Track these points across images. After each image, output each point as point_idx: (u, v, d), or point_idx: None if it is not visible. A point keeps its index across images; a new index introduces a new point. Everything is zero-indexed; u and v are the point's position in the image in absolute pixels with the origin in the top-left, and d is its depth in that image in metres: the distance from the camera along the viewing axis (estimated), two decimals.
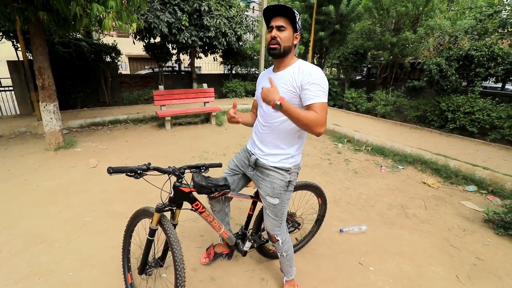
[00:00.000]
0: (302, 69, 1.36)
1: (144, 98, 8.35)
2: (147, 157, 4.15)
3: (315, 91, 1.30)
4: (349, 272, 2.06)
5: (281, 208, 1.56)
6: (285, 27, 1.33)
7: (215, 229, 1.63)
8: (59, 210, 2.71)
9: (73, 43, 6.74)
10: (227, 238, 1.75)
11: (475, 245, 2.43)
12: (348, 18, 8.86)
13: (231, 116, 1.52)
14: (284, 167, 1.50)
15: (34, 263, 2.02)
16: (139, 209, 1.57)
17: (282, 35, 1.34)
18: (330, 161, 4.32)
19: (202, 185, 1.42)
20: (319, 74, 1.32)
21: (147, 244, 1.51)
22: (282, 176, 1.51)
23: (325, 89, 1.33)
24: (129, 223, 1.65)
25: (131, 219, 1.63)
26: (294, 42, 1.39)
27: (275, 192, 1.52)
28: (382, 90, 7.47)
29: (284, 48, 1.36)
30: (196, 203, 1.52)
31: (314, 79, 1.30)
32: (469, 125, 5.39)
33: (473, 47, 5.45)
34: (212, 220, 1.59)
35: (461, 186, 3.59)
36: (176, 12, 6.54)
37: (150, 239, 1.49)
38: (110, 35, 6.59)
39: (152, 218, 1.44)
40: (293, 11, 1.30)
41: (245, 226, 1.92)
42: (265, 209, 1.61)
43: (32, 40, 3.92)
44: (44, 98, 4.12)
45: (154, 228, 1.45)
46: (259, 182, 1.58)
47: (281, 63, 1.43)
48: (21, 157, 4.06)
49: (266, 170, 1.53)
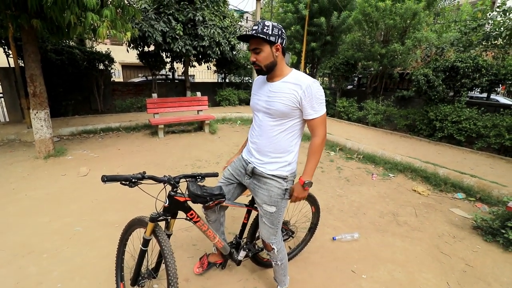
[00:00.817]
0: (300, 82, 1.37)
1: (137, 106, 8.31)
2: (140, 166, 4.12)
3: (315, 106, 1.38)
4: (342, 280, 2.06)
5: (278, 216, 1.57)
6: (260, 48, 1.34)
7: (209, 238, 1.62)
8: (48, 220, 2.65)
9: (66, 51, 6.71)
10: (221, 248, 1.74)
11: (465, 252, 2.47)
12: (339, 29, 9.11)
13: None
14: (282, 175, 1.52)
15: (22, 274, 1.96)
16: (134, 219, 1.54)
17: (259, 57, 1.36)
18: (323, 169, 4.37)
19: (197, 194, 1.41)
20: (317, 87, 1.36)
21: (140, 254, 1.48)
22: (279, 184, 1.52)
23: (323, 100, 1.41)
24: (124, 233, 1.62)
25: (126, 229, 1.60)
26: (276, 54, 1.38)
27: (272, 200, 1.53)
28: (372, 100, 7.64)
29: (266, 66, 1.39)
30: (190, 212, 1.51)
31: (313, 93, 1.35)
32: (457, 134, 5.55)
33: (459, 59, 5.66)
34: (206, 230, 1.58)
35: (450, 193, 3.67)
36: (170, 21, 6.60)
37: (144, 250, 1.46)
38: (104, 43, 6.57)
39: (146, 228, 1.42)
40: (260, 35, 1.30)
41: (239, 235, 1.92)
42: (261, 217, 1.61)
43: (25, 47, 3.90)
44: (35, 106, 4.07)
45: (147, 238, 1.42)
46: (255, 190, 1.59)
47: (273, 75, 1.45)
48: (9, 165, 3.97)
49: (264, 178, 1.54)
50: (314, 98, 1.36)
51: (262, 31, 1.31)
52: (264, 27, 1.31)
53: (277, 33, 1.33)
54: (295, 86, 1.37)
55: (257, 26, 1.32)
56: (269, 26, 1.32)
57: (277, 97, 1.41)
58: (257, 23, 1.34)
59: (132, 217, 1.57)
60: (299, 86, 1.36)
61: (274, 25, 1.33)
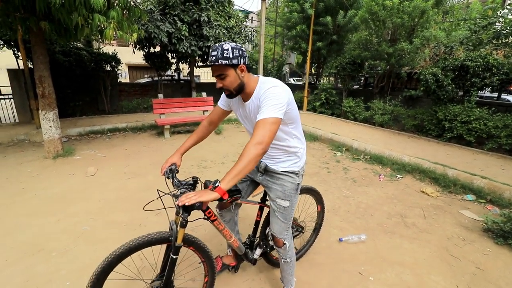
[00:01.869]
0: (259, 93, 1.34)
1: (143, 106, 8.39)
2: (146, 166, 4.15)
3: (262, 108, 1.27)
4: (349, 282, 2.04)
5: (290, 211, 1.59)
6: (224, 73, 1.30)
7: (226, 237, 1.59)
8: (56, 219, 2.68)
9: (74, 52, 6.82)
10: (237, 248, 1.73)
11: (475, 255, 2.42)
12: (345, 28, 9.03)
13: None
14: (294, 170, 1.55)
15: (31, 272, 1.99)
16: (145, 239, 1.30)
17: (226, 82, 1.32)
18: (329, 170, 4.33)
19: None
20: (271, 92, 1.28)
21: (172, 263, 1.37)
22: (292, 179, 1.55)
23: (274, 105, 1.25)
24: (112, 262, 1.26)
25: (120, 255, 1.27)
26: (241, 75, 1.33)
27: (286, 194, 1.55)
28: (379, 99, 7.56)
29: (235, 89, 1.35)
30: (208, 210, 1.47)
31: (265, 96, 1.29)
32: (466, 134, 5.44)
33: (469, 58, 5.56)
34: (223, 229, 1.55)
35: (459, 195, 3.60)
36: (176, 22, 6.65)
37: (175, 258, 1.36)
38: (111, 44, 6.68)
39: (166, 243, 1.38)
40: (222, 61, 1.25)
41: (253, 234, 1.91)
42: (274, 212, 1.61)
43: (33, 49, 3.97)
44: (44, 106, 4.14)
45: (179, 245, 1.35)
46: (269, 186, 1.61)
47: (244, 94, 1.42)
48: (19, 165, 4.04)
49: (277, 175, 1.57)
50: (264, 101, 1.28)
51: (223, 56, 1.25)
52: (224, 51, 1.25)
53: (238, 54, 1.28)
54: (257, 101, 1.35)
55: (216, 52, 1.25)
56: (228, 49, 1.25)
57: (252, 114, 1.42)
58: (214, 48, 1.26)
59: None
60: (260, 93, 1.33)
61: (233, 47, 1.27)
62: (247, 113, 1.47)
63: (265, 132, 1.20)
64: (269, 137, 1.21)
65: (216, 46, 1.27)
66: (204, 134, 1.72)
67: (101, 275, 1.24)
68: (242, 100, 1.47)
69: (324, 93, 9.12)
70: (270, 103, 1.25)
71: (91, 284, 1.22)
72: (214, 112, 1.69)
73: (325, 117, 8.66)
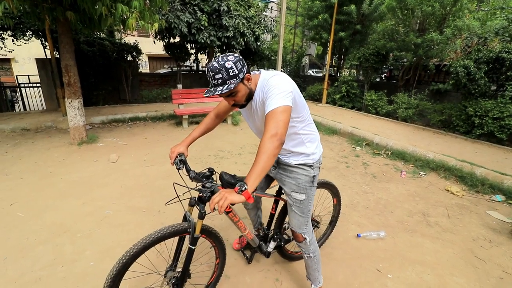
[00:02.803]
0: (261, 85, 1.29)
1: (162, 96, 8.53)
2: (165, 154, 4.23)
3: (268, 100, 1.20)
4: (366, 278, 2.00)
5: (308, 204, 1.55)
6: (235, 91, 1.24)
7: (240, 229, 1.59)
8: (81, 202, 2.81)
9: (97, 42, 7.01)
10: (251, 240, 1.72)
11: (502, 258, 2.29)
12: (370, 18, 8.64)
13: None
14: (307, 163, 1.50)
15: (58, 251, 2.11)
16: (162, 232, 1.29)
17: (237, 98, 1.28)
18: (348, 164, 4.23)
19: (232, 182, 1.38)
20: (274, 80, 1.23)
21: (189, 253, 1.40)
22: (306, 171, 1.50)
23: (279, 93, 1.19)
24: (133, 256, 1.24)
25: (141, 249, 1.25)
26: (249, 84, 1.28)
27: (301, 187, 1.51)
28: (404, 93, 7.23)
29: (246, 99, 1.31)
30: None
31: (268, 85, 1.23)
32: (498, 131, 5.11)
33: (505, 49, 5.16)
34: (238, 221, 1.55)
35: (487, 195, 3.40)
36: (196, 12, 6.63)
37: (193, 248, 1.38)
38: (132, 35, 6.79)
39: (184, 234, 1.38)
40: (232, 84, 1.19)
41: (267, 227, 1.90)
42: (290, 207, 1.59)
43: (60, 38, 4.11)
44: (69, 95, 4.30)
45: (197, 236, 1.37)
46: (283, 180, 1.57)
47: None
48: (47, 150, 4.26)
49: (290, 168, 1.53)
50: (267, 92, 1.22)
51: (229, 76, 1.17)
52: (229, 70, 1.17)
53: (241, 65, 1.21)
54: (260, 92, 1.30)
55: (221, 74, 1.17)
56: (231, 67, 1.18)
57: (257, 112, 1.37)
58: (215, 69, 1.17)
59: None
60: (263, 86, 1.27)
61: (234, 61, 1.19)
62: (252, 112, 1.41)
63: (277, 122, 1.13)
64: (282, 127, 1.14)
65: (217, 67, 1.17)
66: (211, 126, 1.68)
67: (117, 277, 1.21)
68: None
69: (344, 85, 8.84)
70: (275, 92, 1.19)
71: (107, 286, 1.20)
72: (221, 106, 1.63)
73: (345, 110, 8.42)
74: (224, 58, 1.19)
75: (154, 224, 2.48)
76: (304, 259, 1.71)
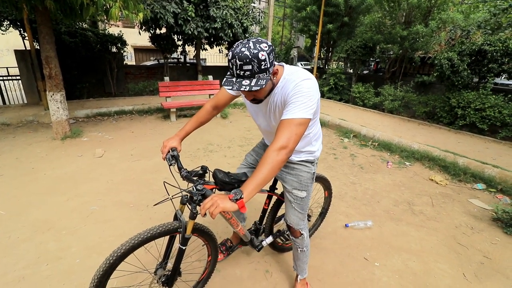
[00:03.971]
0: (288, 82, 1.17)
1: (149, 89, 8.34)
2: (152, 148, 4.16)
3: (291, 106, 1.11)
4: (354, 267, 2.05)
5: (307, 200, 1.55)
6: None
7: (233, 226, 1.58)
8: (66, 198, 2.73)
9: (80, 33, 6.72)
10: (243, 235, 1.71)
11: (483, 244, 2.39)
12: (358, 10, 8.69)
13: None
14: (309, 159, 1.49)
15: (42, 249, 2.05)
16: (151, 232, 1.25)
17: (259, 94, 1.17)
18: (336, 156, 4.28)
19: (226, 181, 1.32)
20: (304, 84, 1.12)
21: (180, 254, 1.36)
22: (308, 168, 1.50)
23: (306, 101, 1.09)
24: (121, 256, 1.19)
25: (129, 249, 1.20)
26: (273, 78, 1.17)
27: (302, 184, 1.49)
28: (390, 85, 7.34)
29: (266, 95, 1.20)
30: None
31: (298, 90, 1.11)
32: (479, 122, 5.28)
33: (487, 42, 5.30)
34: (230, 218, 1.52)
35: (469, 184, 3.53)
36: (182, 2, 6.44)
37: (184, 248, 1.34)
38: (116, 25, 6.55)
39: (175, 234, 1.35)
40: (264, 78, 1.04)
41: (259, 221, 1.90)
42: (290, 204, 1.56)
43: (39, 29, 3.91)
44: (51, 88, 4.13)
45: (188, 236, 1.33)
46: (283, 176, 1.55)
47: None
48: (28, 145, 4.10)
49: (291, 164, 1.51)
50: (293, 96, 1.11)
51: (260, 69, 1.01)
52: (261, 63, 1.00)
53: (273, 57, 1.05)
54: (282, 95, 1.18)
55: (251, 66, 0.99)
56: (264, 59, 1.01)
57: (273, 115, 1.29)
58: (244, 59, 0.98)
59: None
60: (285, 92, 1.16)
61: (267, 51, 1.02)
62: (268, 109, 1.29)
63: (290, 134, 1.04)
64: (294, 141, 1.06)
65: (248, 56, 0.98)
66: (205, 119, 1.53)
67: (103, 277, 1.18)
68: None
69: (333, 78, 8.90)
70: (301, 100, 1.08)
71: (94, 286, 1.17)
72: (220, 96, 1.49)
73: (333, 103, 8.50)
74: (257, 47, 1.00)
75: (142, 219, 2.44)
76: (295, 252, 1.72)
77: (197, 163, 3.64)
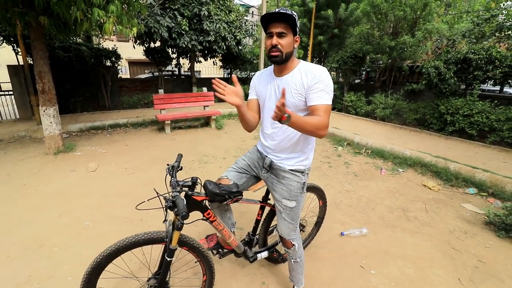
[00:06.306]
0: (308, 71, 1.32)
1: (144, 102, 8.36)
2: (147, 161, 4.15)
3: (320, 93, 1.27)
4: (351, 275, 2.04)
5: (297, 211, 1.54)
6: (286, 32, 1.26)
7: (224, 237, 1.57)
8: (58, 215, 2.69)
9: (74, 48, 6.77)
10: (236, 247, 1.69)
11: (477, 248, 2.41)
12: (347, 22, 8.94)
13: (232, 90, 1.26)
14: (300, 169, 1.50)
15: (33, 268, 2.00)
16: (135, 239, 1.26)
17: (283, 41, 1.27)
18: (330, 164, 4.32)
19: (216, 192, 1.34)
20: (324, 75, 1.29)
21: (166, 266, 1.34)
22: (298, 178, 1.50)
23: (330, 90, 1.29)
24: (105, 259, 1.25)
25: (111, 254, 1.25)
26: (294, 46, 1.33)
27: (292, 194, 1.50)
28: (381, 94, 7.50)
29: (286, 55, 1.30)
30: (208, 211, 1.43)
31: (319, 80, 1.28)
32: (468, 127, 5.41)
33: (471, 50, 5.49)
34: (222, 229, 1.52)
35: (461, 188, 3.59)
36: (176, 16, 6.58)
37: (170, 260, 1.33)
38: (110, 40, 6.60)
39: (162, 243, 1.34)
40: (293, 17, 1.24)
41: (252, 232, 1.88)
42: (280, 213, 1.56)
43: (33, 44, 3.94)
44: (44, 102, 4.12)
45: (174, 248, 1.31)
46: (273, 185, 1.55)
47: (283, 68, 1.38)
48: (20, 161, 4.05)
49: (282, 173, 1.51)
50: (319, 86, 1.27)
51: (292, 15, 1.23)
52: (293, 13, 1.24)
53: (298, 25, 1.32)
54: (304, 75, 1.32)
55: (286, 10, 1.24)
56: (295, 14, 1.26)
57: (287, 88, 1.35)
58: (282, 8, 1.25)
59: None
60: (307, 74, 1.31)
61: (296, 17, 1.28)
62: (279, 87, 1.39)
63: (328, 119, 1.25)
64: (328, 124, 1.26)
65: (283, 8, 1.26)
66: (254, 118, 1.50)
67: (92, 275, 1.23)
68: (274, 75, 1.43)
69: None
70: (330, 89, 1.29)
71: (83, 284, 1.22)
72: (251, 106, 1.54)
73: None
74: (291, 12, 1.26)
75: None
76: (289, 263, 1.71)
77: (192, 175, 3.62)
